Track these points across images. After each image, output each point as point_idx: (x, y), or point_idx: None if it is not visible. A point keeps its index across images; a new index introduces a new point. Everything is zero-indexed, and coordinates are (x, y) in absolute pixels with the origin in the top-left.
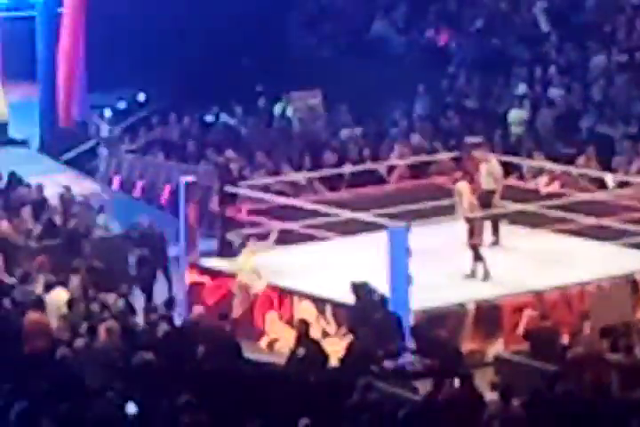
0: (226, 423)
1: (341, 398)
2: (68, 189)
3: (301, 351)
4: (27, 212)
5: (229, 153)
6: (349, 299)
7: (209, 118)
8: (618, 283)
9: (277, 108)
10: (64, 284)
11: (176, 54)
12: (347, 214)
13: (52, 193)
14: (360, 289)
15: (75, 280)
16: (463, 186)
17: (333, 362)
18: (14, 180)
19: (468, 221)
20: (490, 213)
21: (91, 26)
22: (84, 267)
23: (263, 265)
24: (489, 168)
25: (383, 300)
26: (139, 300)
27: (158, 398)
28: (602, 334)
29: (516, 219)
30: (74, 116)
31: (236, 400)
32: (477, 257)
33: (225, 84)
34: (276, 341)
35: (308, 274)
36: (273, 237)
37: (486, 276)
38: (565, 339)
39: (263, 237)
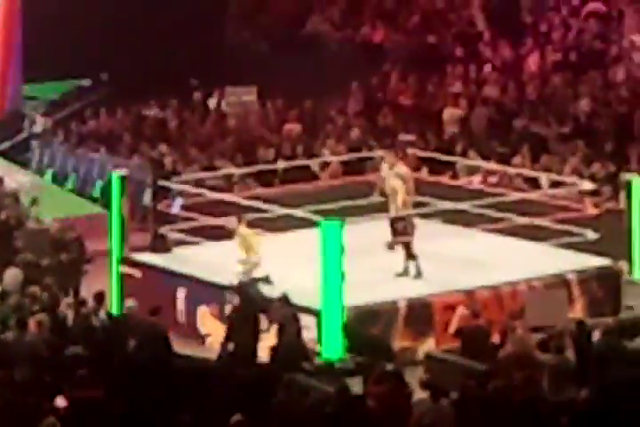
0: (156, 417)
1: (271, 395)
2: (0, 180)
3: (231, 346)
4: None
5: (163, 147)
6: (276, 294)
7: (146, 112)
8: (551, 283)
9: (211, 103)
10: None
11: (112, 47)
12: (280, 210)
13: None
14: (244, 288)
15: (7, 273)
16: (398, 184)
17: (265, 357)
18: None
19: (401, 219)
20: (424, 211)
21: (27, 15)
22: (17, 260)
23: (193, 259)
24: (397, 171)
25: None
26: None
27: (88, 392)
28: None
29: (449, 218)
30: (6, 106)
31: (166, 394)
32: (409, 255)
33: (160, 77)
34: (207, 336)
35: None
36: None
37: (418, 274)
38: (496, 338)
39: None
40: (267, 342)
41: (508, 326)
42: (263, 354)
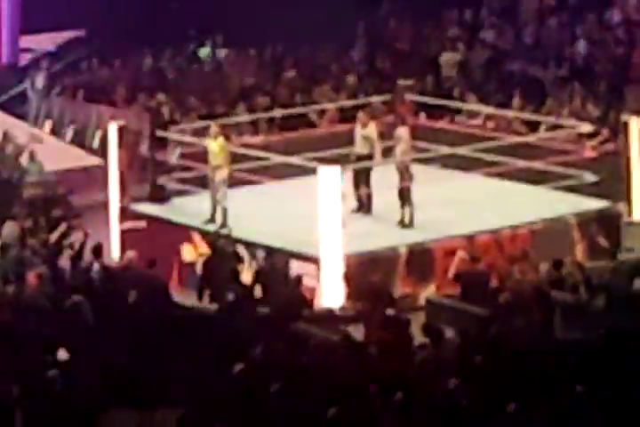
0: (158, 368)
1: (272, 343)
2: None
3: (231, 296)
4: None
5: (160, 97)
6: (280, 243)
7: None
8: (551, 226)
9: (204, 52)
10: None
11: None
12: (278, 158)
13: None
14: (216, 240)
15: (8, 226)
16: (404, 131)
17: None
18: None
19: (400, 165)
20: (422, 156)
21: None
22: (20, 212)
23: (193, 211)
24: (365, 132)
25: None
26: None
27: (90, 343)
28: (554, 266)
29: (448, 162)
30: (3, 58)
31: (168, 345)
32: (406, 202)
33: (154, 27)
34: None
35: (239, 218)
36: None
37: (411, 221)
38: (496, 282)
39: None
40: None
41: (508, 269)
42: None
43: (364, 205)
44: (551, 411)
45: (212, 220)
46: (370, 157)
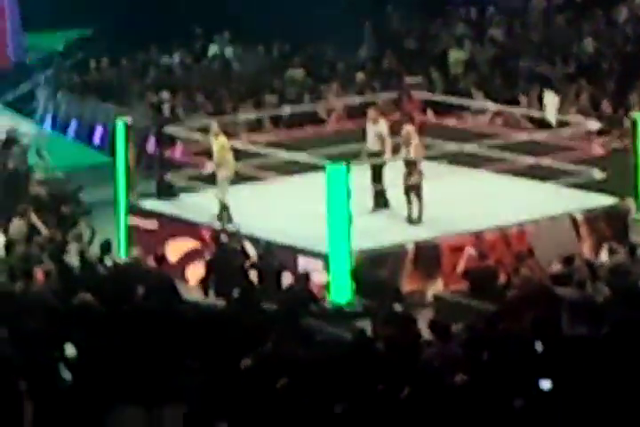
0: (165, 364)
1: (280, 339)
2: (12, 130)
3: (237, 292)
4: None
5: (163, 95)
6: (287, 239)
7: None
8: (559, 222)
9: (212, 49)
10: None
11: None
12: (286, 155)
13: None
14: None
15: (15, 223)
16: (411, 129)
17: None
18: None
19: (409, 163)
20: (430, 154)
21: None
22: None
23: (202, 206)
24: (377, 129)
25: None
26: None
27: (98, 339)
28: (564, 263)
29: (455, 159)
30: (9, 56)
31: (175, 341)
32: (416, 198)
33: (161, 25)
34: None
35: (246, 215)
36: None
37: (420, 217)
38: (504, 278)
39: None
40: None
41: (515, 266)
42: None
43: (379, 202)
44: (556, 407)
45: (220, 217)
46: (382, 153)
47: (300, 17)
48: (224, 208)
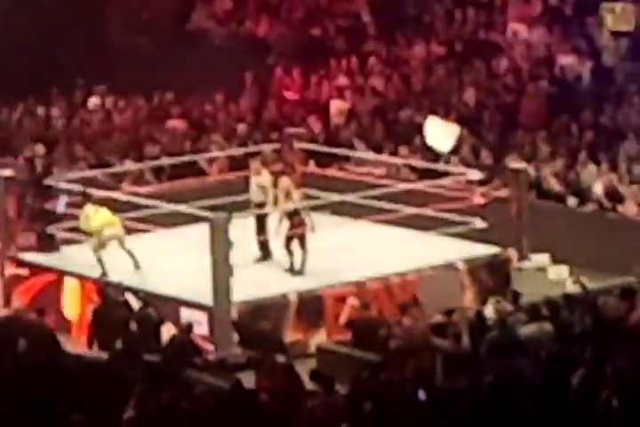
0: (50, 417)
1: (162, 391)
2: None
3: (119, 344)
4: None
5: (39, 148)
6: (170, 291)
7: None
8: (441, 272)
9: (92, 102)
10: None
11: None
12: (168, 206)
13: None
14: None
15: None
16: (287, 182)
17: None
18: None
19: (290, 214)
20: (312, 204)
21: None
22: None
23: (82, 258)
24: (259, 180)
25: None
26: None
27: None
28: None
29: (337, 209)
30: None
31: (58, 394)
32: (299, 249)
33: (42, 76)
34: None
35: (129, 267)
36: None
37: (302, 268)
38: (387, 328)
39: None
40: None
41: (398, 316)
42: None
43: (263, 253)
44: None
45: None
46: (265, 204)
47: (181, 67)
48: (98, 260)
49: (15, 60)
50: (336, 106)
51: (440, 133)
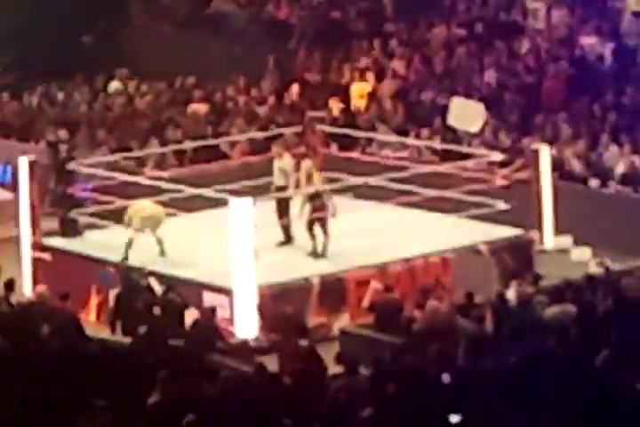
0: (74, 403)
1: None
2: None
3: (143, 329)
4: None
5: (62, 133)
6: (193, 275)
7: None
8: (463, 254)
9: (114, 86)
10: None
11: (16, 31)
12: (190, 190)
13: None
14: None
15: None
16: (311, 163)
17: None
18: None
19: (312, 197)
20: (335, 187)
21: None
22: None
23: (105, 243)
24: (281, 164)
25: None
26: None
27: (2, 379)
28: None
29: (360, 192)
30: None
31: (81, 380)
32: (321, 232)
33: (66, 61)
34: None
35: (153, 251)
36: None
37: (325, 251)
38: (410, 311)
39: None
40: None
41: (421, 298)
42: None
43: (285, 236)
44: None
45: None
46: (287, 188)
47: (202, 52)
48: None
49: (38, 45)
50: (358, 88)
51: (466, 114)
